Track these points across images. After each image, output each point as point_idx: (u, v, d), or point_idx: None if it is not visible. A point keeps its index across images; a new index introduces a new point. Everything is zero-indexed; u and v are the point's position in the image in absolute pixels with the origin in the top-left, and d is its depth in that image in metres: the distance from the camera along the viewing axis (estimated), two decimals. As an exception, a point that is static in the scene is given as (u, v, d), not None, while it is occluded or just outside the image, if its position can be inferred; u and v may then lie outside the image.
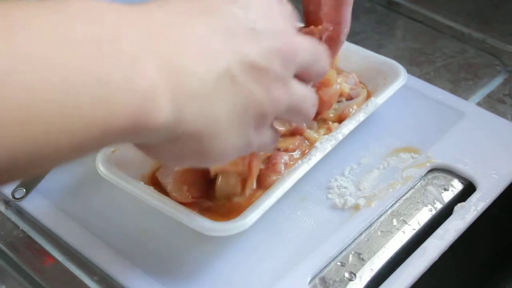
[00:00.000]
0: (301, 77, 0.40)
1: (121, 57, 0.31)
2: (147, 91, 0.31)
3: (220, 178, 0.50)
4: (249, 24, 0.37)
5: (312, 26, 0.51)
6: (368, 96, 0.57)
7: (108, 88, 0.30)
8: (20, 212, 0.52)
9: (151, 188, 0.48)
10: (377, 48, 0.70)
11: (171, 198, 0.48)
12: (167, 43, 0.33)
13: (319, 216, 0.51)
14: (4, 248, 0.50)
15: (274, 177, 0.49)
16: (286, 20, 0.39)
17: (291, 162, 0.51)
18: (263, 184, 0.49)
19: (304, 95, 0.41)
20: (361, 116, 0.53)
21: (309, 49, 0.40)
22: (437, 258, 0.48)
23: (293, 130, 0.53)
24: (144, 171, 0.52)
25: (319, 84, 0.52)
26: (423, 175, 0.54)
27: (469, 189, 0.53)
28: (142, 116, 0.31)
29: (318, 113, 0.52)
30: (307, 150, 0.52)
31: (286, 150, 0.51)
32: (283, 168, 0.50)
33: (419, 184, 0.53)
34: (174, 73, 0.33)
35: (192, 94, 0.33)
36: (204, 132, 0.35)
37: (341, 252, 0.48)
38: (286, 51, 0.38)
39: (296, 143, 0.52)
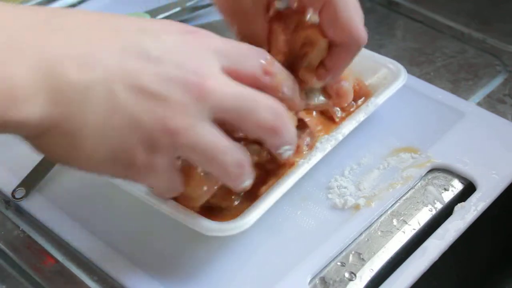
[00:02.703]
0: (233, 130, 0.40)
1: None
2: (14, 85, 0.33)
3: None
4: (153, 51, 0.37)
5: None
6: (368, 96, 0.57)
7: None
8: (20, 212, 0.52)
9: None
10: (377, 48, 0.70)
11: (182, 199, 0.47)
12: (50, 42, 0.35)
13: (319, 216, 0.51)
14: (4, 248, 0.50)
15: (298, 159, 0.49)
16: (204, 59, 0.38)
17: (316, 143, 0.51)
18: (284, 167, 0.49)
19: (224, 147, 0.38)
20: (361, 116, 0.53)
21: (231, 93, 0.38)
22: (437, 258, 0.48)
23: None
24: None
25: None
26: (423, 175, 0.54)
27: (469, 189, 0.53)
28: (6, 108, 0.33)
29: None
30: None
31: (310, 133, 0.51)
32: (306, 150, 0.50)
33: (419, 184, 0.53)
34: (48, 72, 0.34)
35: (62, 97, 0.35)
36: (70, 135, 0.36)
37: (341, 252, 0.48)
38: (190, 85, 0.37)
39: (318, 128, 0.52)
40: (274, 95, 0.41)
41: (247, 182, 0.41)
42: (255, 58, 0.41)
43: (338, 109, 0.55)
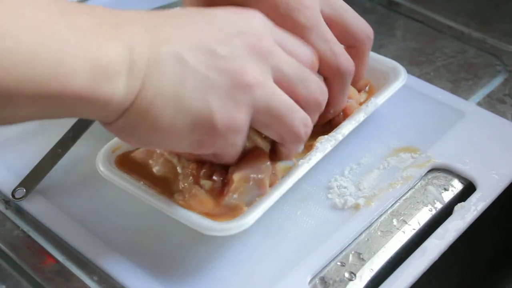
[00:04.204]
0: (293, 99, 0.42)
1: (81, 27, 0.35)
2: (101, 63, 0.35)
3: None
4: (213, 19, 0.40)
5: None
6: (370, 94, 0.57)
7: (65, 53, 0.34)
8: (20, 212, 0.52)
9: (151, 188, 0.48)
10: (377, 48, 0.70)
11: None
12: (126, 23, 0.37)
13: (319, 216, 0.51)
14: (4, 248, 0.50)
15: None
16: (262, 28, 0.41)
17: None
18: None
19: (293, 104, 0.41)
20: (361, 116, 0.53)
21: (289, 62, 0.41)
22: (437, 258, 0.48)
23: None
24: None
25: None
26: (423, 175, 0.54)
27: (469, 189, 0.53)
28: (95, 84, 0.35)
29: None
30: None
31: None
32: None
33: (419, 184, 0.53)
34: (128, 52, 0.36)
35: (138, 72, 0.37)
36: (147, 109, 0.38)
37: (341, 252, 0.48)
38: (253, 45, 0.39)
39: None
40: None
41: (302, 146, 0.44)
42: (306, 50, 0.44)
43: None
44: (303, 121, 0.42)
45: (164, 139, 0.40)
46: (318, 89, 0.43)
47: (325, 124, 0.53)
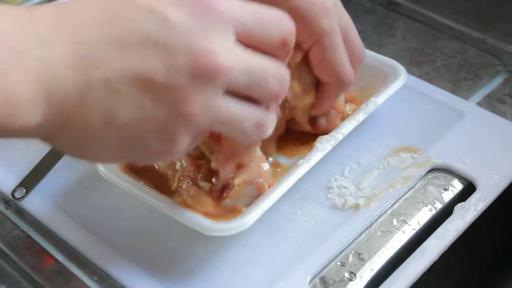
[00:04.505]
0: (248, 97, 0.39)
1: None
2: (10, 94, 0.33)
3: None
4: (159, 36, 0.35)
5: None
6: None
7: None
8: (20, 212, 0.52)
9: (151, 188, 0.48)
10: (377, 48, 0.70)
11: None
12: (43, 45, 0.34)
13: (319, 216, 0.51)
14: (4, 248, 0.50)
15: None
16: (217, 34, 0.36)
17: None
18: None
19: (239, 115, 0.38)
20: (361, 116, 0.53)
21: (242, 69, 0.37)
22: (437, 258, 0.48)
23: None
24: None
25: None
26: (423, 175, 0.54)
27: (469, 189, 0.53)
28: (6, 116, 0.33)
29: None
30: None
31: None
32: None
33: (419, 184, 0.53)
34: (45, 78, 0.34)
35: (60, 102, 0.34)
36: (77, 135, 0.36)
37: (341, 252, 0.48)
38: (201, 70, 0.35)
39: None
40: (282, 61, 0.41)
41: (269, 131, 0.42)
42: (277, 27, 0.39)
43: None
44: (256, 124, 0.40)
45: (97, 159, 0.40)
46: (276, 85, 0.39)
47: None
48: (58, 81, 0.34)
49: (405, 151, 0.56)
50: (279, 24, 0.39)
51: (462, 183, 0.54)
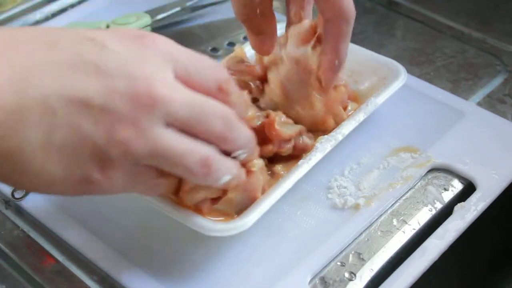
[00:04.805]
0: (196, 135, 0.38)
1: None
2: None
3: None
4: (99, 63, 0.35)
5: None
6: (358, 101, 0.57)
7: None
8: (20, 212, 0.52)
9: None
10: (377, 48, 0.70)
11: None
12: None
13: (319, 216, 0.51)
14: (4, 248, 0.50)
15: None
16: (158, 67, 0.36)
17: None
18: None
19: (181, 149, 0.37)
20: (361, 116, 0.53)
21: (183, 102, 0.36)
22: (437, 258, 0.48)
23: None
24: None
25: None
26: (423, 175, 0.54)
27: (469, 189, 0.53)
28: None
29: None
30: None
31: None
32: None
33: (419, 184, 0.53)
34: None
35: (3, 119, 0.33)
36: (9, 158, 0.34)
37: (341, 252, 0.48)
38: (139, 96, 0.35)
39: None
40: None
41: (225, 178, 0.40)
42: (213, 73, 0.39)
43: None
44: (200, 161, 0.38)
45: (32, 187, 0.38)
46: (219, 124, 0.38)
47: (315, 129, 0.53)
48: None
49: (405, 151, 0.56)
50: (215, 70, 0.40)
51: (462, 183, 0.54)
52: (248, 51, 0.57)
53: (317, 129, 0.53)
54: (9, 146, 0.34)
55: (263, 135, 0.49)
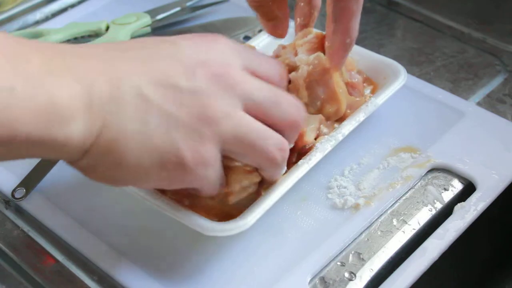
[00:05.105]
0: (268, 123, 0.41)
1: (30, 72, 0.34)
2: (52, 106, 0.34)
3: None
4: (176, 52, 0.39)
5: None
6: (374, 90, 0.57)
7: (12, 99, 0.33)
8: (20, 212, 0.52)
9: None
10: (377, 48, 0.70)
11: None
12: (82, 61, 0.36)
13: (319, 216, 0.51)
14: (4, 248, 0.50)
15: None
16: (230, 57, 0.40)
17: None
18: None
19: (264, 131, 0.40)
20: (361, 116, 0.53)
21: (259, 88, 0.40)
22: (437, 258, 0.48)
23: None
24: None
25: None
26: (423, 175, 0.54)
27: (469, 189, 0.53)
28: (47, 129, 0.34)
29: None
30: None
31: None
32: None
33: (419, 184, 0.53)
34: (85, 92, 0.35)
35: (98, 112, 0.36)
36: (110, 149, 0.37)
37: (341, 252, 0.48)
38: (221, 77, 0.38)
39: None
40: None
41: (284, 169, 0.43)
42: (272, 65, 0.43)
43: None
44: (278, 146, 0.41)
45: (130, 176, 0.39)
46: (292, 109, 0.42)
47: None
48: (96, 92, 0.36)
49: (405, 151, 0.56)
50: (274, 63, 0.43)
51: (462, 183, 0.54)
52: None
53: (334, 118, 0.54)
54: (107, 140, 0.37)
55: None
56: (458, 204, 0.51)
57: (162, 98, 0.37)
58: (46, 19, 0.77)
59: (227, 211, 0.47)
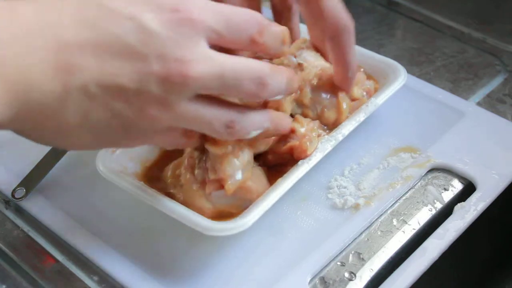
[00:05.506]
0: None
1: None
2: None
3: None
4: (135, 44, 0.37)
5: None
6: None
7: None
8: (20, 212, 0.52)
9: (151, 187, 0.48)
10: (377, 48, 0.70)
11: None
12: (22, 52, 0.35)
13: (319, 216, 0.51)
14: (4, 248, 0.50)
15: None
16: (191, 42, 0.38)
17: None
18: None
19: (208, 116, 0.40)
20: (361, 116, 0.53)
21: (214, 75, 0.38)
22: (437, 258, 0.48)
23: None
24: (143, 171, 0.52)
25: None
26: (423, 175, 0.54)
27: (469, 189, 0.53)
28: None
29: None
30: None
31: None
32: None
33: (419, 184, 0.53)
34: (19, 83, 0.35)
35: (37, 104, 0.36)
36: (51, 130, 0.38)
37: (341, 252, 0.48)
38: (172, 78, 0.37)
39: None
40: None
41: (253, 133, 0.43)
42: (245, 27, 0.41)
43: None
44: (226, 124, 0.41)
45: (68, 146, 0.42)
46: (253, 85, 0.40)
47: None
48: (35, 88, 0.36)
49: (405, 151, 0.56)
50: (247, 23, 0.41)
51: (462, 183, 0.54)
52: None
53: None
54: (50, 126, 0.38)
55: (288, 155, 0.50)
56: (458, 204, 0.51)
57: (107, 97, 0.38)
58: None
59: (221, 212, 0.47)
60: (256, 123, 0.43)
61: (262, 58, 0.45)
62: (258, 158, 0.50)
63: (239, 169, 0.46)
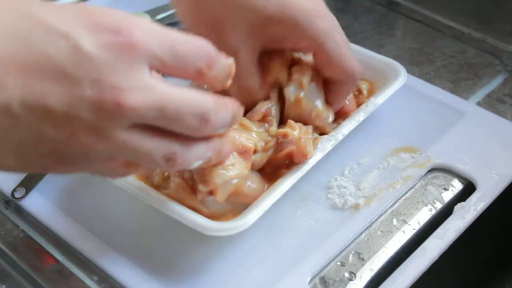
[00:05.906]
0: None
1: None
2: None
3: None
4: (65, 63, 0.34)
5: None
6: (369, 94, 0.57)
7: None
8: (20, 212, 0.52)
9: (151, 188, 0.48)
10: (377, 48, 0.70)
11: None
12: None
13: (319, 216, 0.51)
14: (4, 248, 0.50)
15: None
16: (130, 70, 0.35)
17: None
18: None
19: (146, 148, 0.37)
20: (361, 116, 0.53)
21: (153, 106, 0.35)
22: (437, 258, 0.48)
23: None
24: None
25: None
26: (423, 175, 0.54)
27: (469, 189, 0.53)
28: None
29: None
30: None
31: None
32: None
33: (419, 184, 0.53)
34: None
35: None
36: None
37: (341, 252, 0.48)
38: (105, 106, 0.34)
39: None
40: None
41: (196, 163, 0.40)
42: (193, 57, 0.38)
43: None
44: (164, 157, 0.38)
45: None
46: (194, 121, 0.38)
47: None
48: None
49: (405, 151, 0.56)
50: (195, 53, 0.38)
51: (462, 183, 0.54)
52: None
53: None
54: None
55: (286, 159, 0.49)
56: (458, 204, 0.51)
57: (32, 119, 0.34)
58: (46, 19, 0.76)
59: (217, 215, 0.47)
60: (199, 154, 0.40)
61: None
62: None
63: (229, 180, 0.45)
